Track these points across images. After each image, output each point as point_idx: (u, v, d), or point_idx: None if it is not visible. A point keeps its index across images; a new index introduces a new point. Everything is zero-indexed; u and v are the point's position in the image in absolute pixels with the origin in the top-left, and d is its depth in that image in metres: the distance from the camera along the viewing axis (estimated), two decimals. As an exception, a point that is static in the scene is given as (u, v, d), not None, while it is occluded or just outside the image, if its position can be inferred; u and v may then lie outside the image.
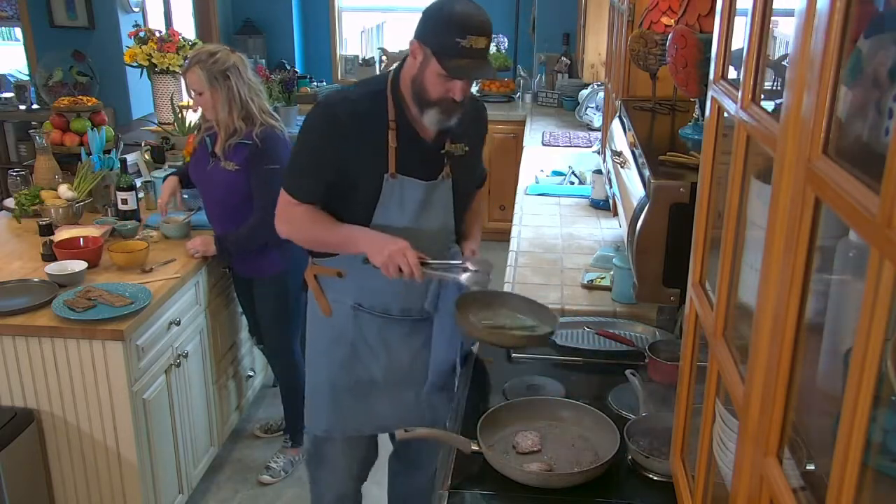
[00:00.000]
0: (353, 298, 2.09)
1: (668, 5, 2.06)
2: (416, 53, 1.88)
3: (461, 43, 1.79)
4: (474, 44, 1.81)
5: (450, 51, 1.81)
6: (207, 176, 2.88)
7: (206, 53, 2.77)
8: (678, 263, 1.46)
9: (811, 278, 0.81)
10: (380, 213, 1.98)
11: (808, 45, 0.77)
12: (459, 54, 1.81)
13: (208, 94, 2.75)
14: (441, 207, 2.04)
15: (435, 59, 1.83)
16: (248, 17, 6.49)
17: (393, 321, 2.10)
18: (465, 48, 1.80)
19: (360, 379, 2.13)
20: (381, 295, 2.07)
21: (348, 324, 2.10)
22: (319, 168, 1.99)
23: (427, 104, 1.90)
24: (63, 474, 2.55)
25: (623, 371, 2.01)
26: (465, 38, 1.79)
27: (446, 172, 2.02)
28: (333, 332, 2.13)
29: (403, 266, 1.87)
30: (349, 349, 2.12)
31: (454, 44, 1.80)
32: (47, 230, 2.92)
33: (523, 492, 1.63)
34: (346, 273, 2.06)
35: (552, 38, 5.94)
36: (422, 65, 1.87)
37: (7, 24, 6.37)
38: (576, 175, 4.01)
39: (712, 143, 1.21)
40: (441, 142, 2.01)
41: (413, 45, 1.88)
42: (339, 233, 2.00)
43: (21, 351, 2.42)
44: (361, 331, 2.10)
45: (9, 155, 5.58)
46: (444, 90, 1.87)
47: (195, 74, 2.75)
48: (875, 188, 0.62)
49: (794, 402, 0.85)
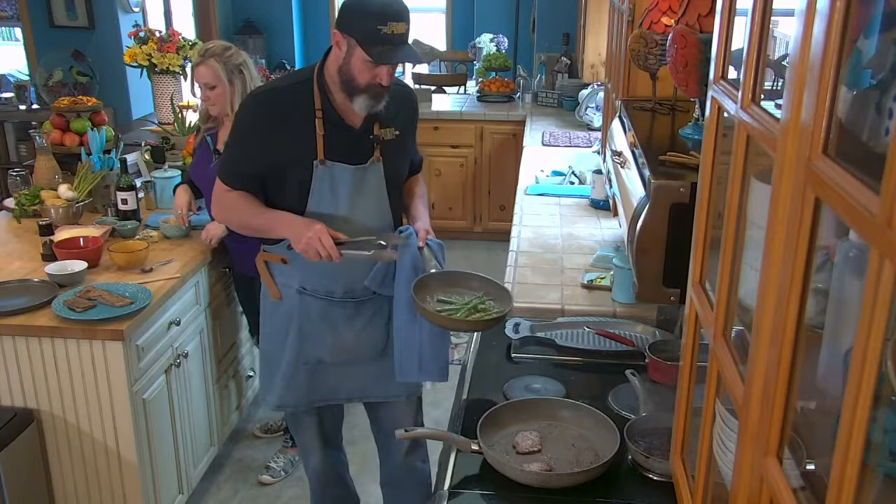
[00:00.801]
0: (298, 282, 2.18)
1: (668, 5, 2.06)
2: (340, 44, 1.97)
3: (382, 30, 1.89)
4: (395, 29, 1.90)
5: (372, 38, 1.90)
6: (211, 174, 2.87)
7: (221, 47, 2.78)
8: (678, 263, 1.46)
9: (811, 278, 0.81)
10: (313, 200, 2.07)
11: (808, 45, 0.77)
12: (382, 41, 1.91)
13: (224, 87, 2.75)
14: (373, 192, 2.12)
15: (359, 48, 1.92)
16: (248, 17, 6.49)
17: (336, 303, 2.18)
18: (387, 34, 1.90)
19: (308, 359, 2.22)
20: (323, 278, 2.15)
21: (294, 307, 2.19)
22: (248, 156, 2.09)
23: (355, 91, 1.99)
24: (63, 474, 2.55)
25: (623, 371, 2.01)
26: (385, 25, 1.89)
27: (376, 157, 2.11)
28: (282, 314, 2.22)
29: (320, 249, 1.97)
30: (296, 331, 2.20)
31: (376, 31, 1.89)
32: (47, 230, 2.92)
33: (523, 492, 1.63)
34: (290, 260, 2.14)
35: (552, 38, 5.94)
36: (347, 54, 1.96)
37: (7, 24, 6.37)
38: (576, 175, 4.01)
39: (712, 143, 1.21)
40: (369, 127, 2.10)
41: (336, 35, 1.97)
42: (261, 218, 2.10)
43: (21, 351, 2.42)
44: (307, 313, 2.19)
45: (9, 155, 5.58)
46: (371, 76, 1.96)
47: (210, 68, 2.74)
48: (875, 188, 0.62)
49: (794, 402, 0.85)
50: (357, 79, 1.97)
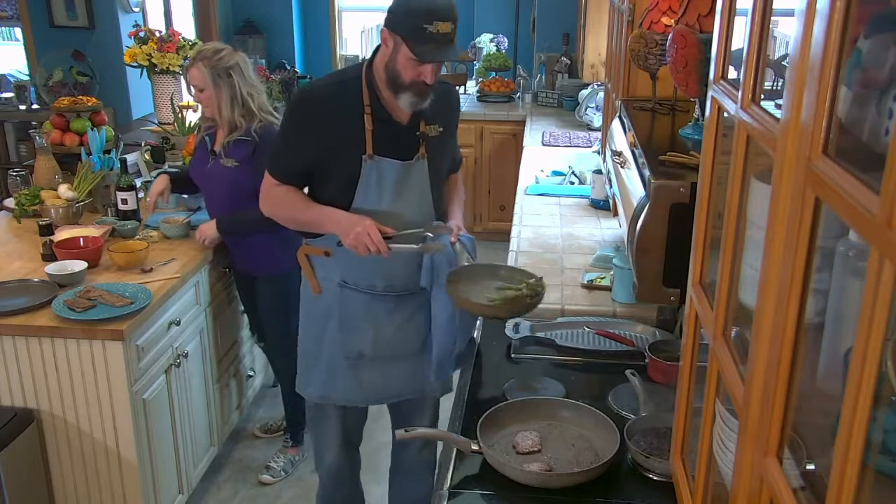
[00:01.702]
0: (339, 276, 2.19)
1: (668, 5, 2.06)
2: (387, 41, 2.00)
3: (428, 28, 1.91)
4: (440, 29, 1.92)
5: (418, 36, 1.93)
6: (208, 174, 2.89)
7: (211, 51, 2.79)
8: (678, 263, 1.46)
9: (811, 278, 0.81)
10: (359, 195, 2.09)
11: (808, 45, 0.77)
12: (427, 39, 1.93)
13: (211, 90, 2.77)
14: (418, 187, 2.15)
15: (405, 45, 1.94)
16: (248, 17, 6.49)
17: (377, 297, 2.19)
18: (432, 33, 1.92)
19: (350, 353, 2.22)
20: (365, 272, 2.16)
21: (335, 300, 2.20)
22: (297, 151, 2.12)
23: (401, 88, 2.01)
24: (63, 474, 2.55)
25: (623, 371, 2.01)
26: (431, 24, 1.91)
27: (421, 153, 2.13)
28: (323, 308, 2.23)
29: (370, 244, 2.00)
30: (337, 325, 2.21)
31: (421, 29, 1.92)
32: (47, 230, 2.92)
33: (523, 492, 1.63)
34: (333, 252, 2.15)
35: (552, 38, 5.94)
36: (393, 51, 1.98)
37: (7, 24, 6.37)
38: (576, 175, 4.01)
39: (712, 143, 1.21)
40: (415, 124, 2.12)
41: (384, 33, 2.00)
42: (310, 213, 2.14)
43: (21, 351, 2.42)
44: (348, 307, 2.20)
45: (9, 155, 5.58)
46: (415, 74, 1.99)
47: (198, 71, 2.77)
48: (875, 188, 0.62)
49: (794, 402, 0.85)
50: (402, 76, 1.99)
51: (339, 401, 2.30)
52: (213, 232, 2.88)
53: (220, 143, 2.85)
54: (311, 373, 2.31)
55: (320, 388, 2.29)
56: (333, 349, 2.24)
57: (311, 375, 2.31)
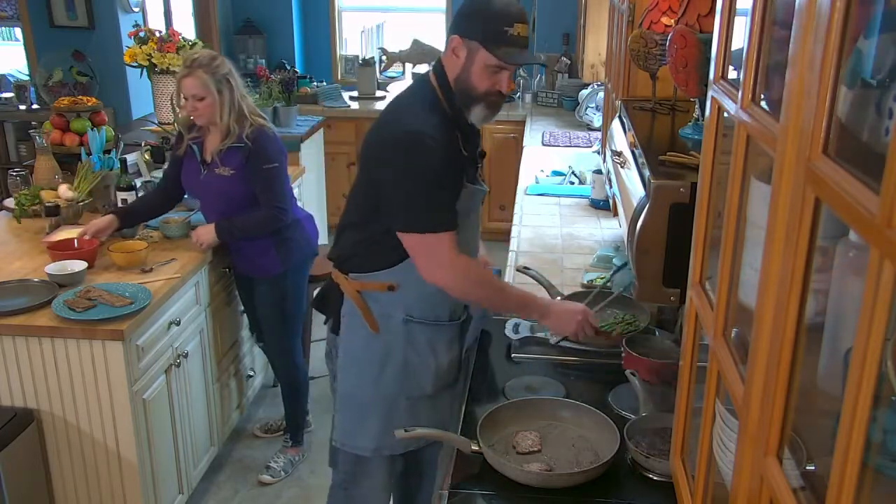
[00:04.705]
0: (404, 311, 1.99)
1: (668, 5, 2.06)
2: (458, 51, 1.86)
3: (509, 31, 1.82)
4: (520, 31, 1.84)
5: (498, 39, 1.82)
6: (202, 185, 2.88)
7: (208, 58, 2.75)
8: (678, 263, 1.46)
9: (811, 278, 0.81)
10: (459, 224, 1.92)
11: (808, 45, 0.77)
12: (508, 42, 1.83)
13: (214, 98, 2.73)
14: (478, 212, 2.14)
15: (484, 50, 1.83)
16: (248, 17, 6.48)
17: (442, 327, 2.04)
18: (513, 36, 1.83)
19: (412, 394, 2.04)
20: (433, 303, 2.01)
21: (399, 338, 2.01)
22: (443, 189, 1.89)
23: (473, 101, 1.89)
24: (63, 474, 2.55)
25: (623, 371, 2.01)
26: (511, 27, 1.82)
27: (481, 174, 2.06)
28: (383, 348, 2.02)
29: (588, 331, 2.03)
30: (401, 365, 2.02)
31: (503, 32, 1.82)
32: (54, 211, 2.99)
33: (523, 492, 1.63)
34: (399, 285, 1.97)
35: (552, 38, 5.94)
36: (467, 60, 1.86)
37: (7, 24, 6.37)
38: (576, 175, 4.01)
39: (712, 143, 1.21)
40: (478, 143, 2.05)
41: (454, 41, 1.86)
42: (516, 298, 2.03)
43: (21, 351, 2.42)
44: (413, 343, 2.02)
45: (9, 155, 5.57)
46: (490, 83, 1.87)
47: (199, 79, 2.71)
48: (875, 188, 0.62)
49: (794, 402, 0.85)
50: (476, 86, 1.86)
51: (397, 449, 2.07)
52: (211, 237, 2.86)
53: (210, 152, 2.83)
54: (364, 423, 2.06)
55: (376, 439, 2.05)
56: (395, 391, 2.03)
57: (364, 426, 2.06)
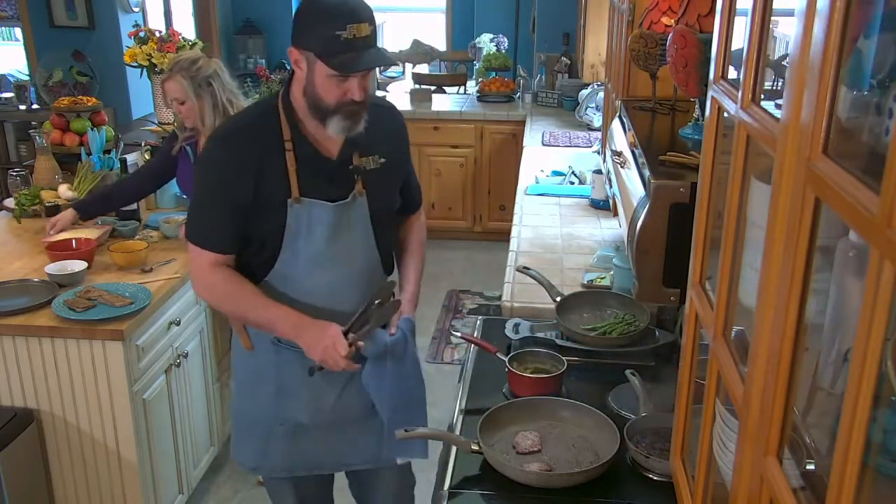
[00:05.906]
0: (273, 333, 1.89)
1: (668, 5, 2.06)
2: (299, 62, 1.71)
3: (342, 35, 1.62)
4: (356, 32, 1.63)
5: (332, 47, 1.63)
6: None
7: (188, 62, 2.73)
8: (678, 263, 1.46)
9: (811, 278, 0.81)
10: (288, 243, 1.80)
11: (808, 45, 0.77)
12: (344, 48, 1.63)
13: (193, 102, 2.71)
14: (358, 229, 1.85)
15: (319, 61, 1.66)
16: (248, 17, 6.49)
17: None
18: (349, 40, 1.63)
19: (286, 419, 1.96)
20: None
21: (270, 361, 1.92)
22: (221, 212, 1.79)
23: (326, 113, 1.72)
24: (63, 474, 2.55)
25: (623, 371, 2.01)
26: (345, 29, 1.62)
27: (358, 190, 1.83)
28: (257, 368, 1.95)
29: (340, 363, 1.75)
30: (273, 389, 1.93)
31: (335, 38, 1.62)
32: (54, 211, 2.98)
33: (523, 492, 1.63)
34: None
35: (552, 38, 5.94)
36: (309, 72, 1.69)
37: (7, 24, 6.37)
38: (576, 175, 4.01)
39: (712, 143, 1.21)
40: (348, 157, 1.83)
41: (293, 53, 1.71)
42: (262, 314, 1.82)
43: (21, 351, 2.42)
44: (284, 369, 1.91)
45: (9, 155, 5.58)
46: (340, 93, 1.69)
47: (178, 83, 2.70)
48: (875, 188, 0.62)
49: (794, 402, 0.85)
50: (325, 99, 1.70)
51: (273, 471, 2.03)
52: None
53: None
54: (244, 439, 2.03)
55: (254, 456, 2.01)
56: (269, 415, 1.95)
57: (244, 442, 2.03)
